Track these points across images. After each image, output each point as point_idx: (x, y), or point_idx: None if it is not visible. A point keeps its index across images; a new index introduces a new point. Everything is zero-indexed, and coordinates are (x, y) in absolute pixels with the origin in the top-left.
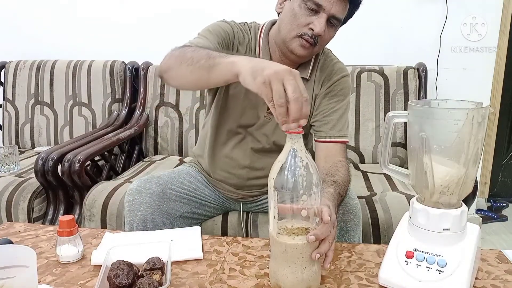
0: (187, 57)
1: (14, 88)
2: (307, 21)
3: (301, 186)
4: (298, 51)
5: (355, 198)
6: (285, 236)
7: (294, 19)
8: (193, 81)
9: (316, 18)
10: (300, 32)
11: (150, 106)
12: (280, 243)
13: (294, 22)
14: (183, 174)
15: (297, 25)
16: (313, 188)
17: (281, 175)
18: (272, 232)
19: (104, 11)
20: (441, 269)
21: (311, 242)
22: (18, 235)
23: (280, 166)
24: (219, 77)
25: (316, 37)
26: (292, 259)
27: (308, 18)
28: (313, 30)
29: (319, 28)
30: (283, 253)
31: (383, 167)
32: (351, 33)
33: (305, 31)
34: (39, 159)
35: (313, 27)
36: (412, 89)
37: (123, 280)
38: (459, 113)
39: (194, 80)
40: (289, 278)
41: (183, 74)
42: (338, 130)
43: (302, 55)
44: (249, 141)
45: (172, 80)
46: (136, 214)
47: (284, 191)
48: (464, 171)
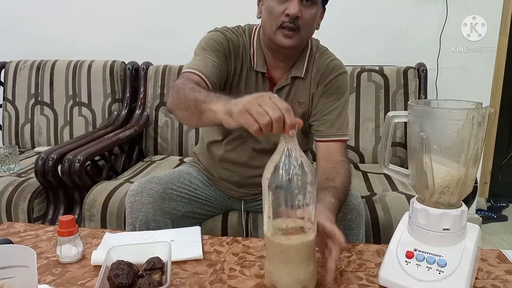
0: (181, 103)
1: (14, 88)
2: (281, 9)
3: (296, 185)
4: (284, 42)
5: (358, 197)
6: (280, 236)
7: (271, 13)
8: (193, 123)
9: (289, 3)
10: (279, 22)
11: (150, 106)
12: (275, 243)
13: (271, 16)
14: (183, 174)
15: (274, 17)
16: (308, 188)
17: (275, 175)
18: (267, 232)
19: (104, 11)
20: (441, 269)
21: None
22: (18, 235)
23: (274, 166)
24: (209, 122)
25: (296, 21)
26: (288, 259)
27: (282, 6)
28: (289, 15)
29: (293, 9)
30: (279, 253)
31: (383, 167)
32: (351, 33)
33: (283, 19)
34: (39, 159)
35: (288, 12)
36: (412, 89)
37: (123, 280)
38: (459, 113)
39: (194, 123)
40: (284, 279)
41: (183, 117)
42: (337, 129)
43: (290, 45)
44: (249, 141)
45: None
46: (138, 215)
47: (279, 190)
48: (464, 171)
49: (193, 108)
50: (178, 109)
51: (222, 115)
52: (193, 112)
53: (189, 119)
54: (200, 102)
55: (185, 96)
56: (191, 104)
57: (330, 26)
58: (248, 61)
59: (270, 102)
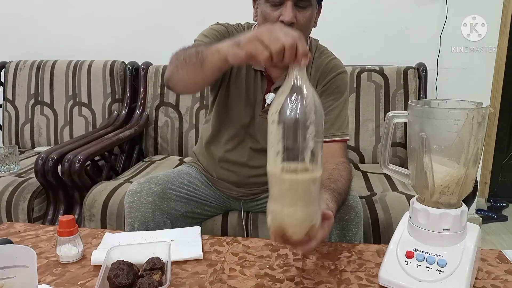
0: (181, 60)
1: (14, 88)
2: (276, 15)
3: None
4: None
5: (356, 197)
6: (288, 173)
7: (266, 19)
8: (192, 81)
9: (283, 9)
10: None
11: (150, 106)
12: (283, 180)
13: (266, 22)
14: (183, 174)
15: (269, 23)
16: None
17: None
18: (274, 169)
19: (104, 11)
20: (441, 269)
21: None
22: (18, 235)
23: (284, 99)
24: (211, 69)
25: (291, 26)
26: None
27: (276, 13)
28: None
29: (288, 17)
30: (285, 190)
31: (383, 167)
32: (351, 33)
33: None
34: (39, 159)
35: (282, 19)
36: (412, 89)
37: (123, 280)
38: (459, 113)
39: (192, 80)
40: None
41: (182, 77)
42: (337, 129)
43: None
44: (248, 141)
45: (176, 87)
46: (137, 215)
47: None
48: (464, 171)
49: (194, 59)
50: (178, 69)
51: (229, 48)
52: (194, 63)
53: (187, 76)
54: (201, 50)
55: (185, 53)
56: (192, 56)
57: (330, 26)
58: None
59: (282, 29)
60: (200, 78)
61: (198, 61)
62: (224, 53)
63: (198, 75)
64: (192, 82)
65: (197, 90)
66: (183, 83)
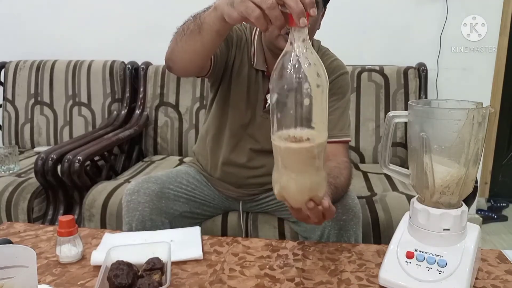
0: (180, 32)
1: (14, 88)
2: None
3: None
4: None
5: (354, 198)
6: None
7: None
8: (191, 52)
9: None
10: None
11: (150, 106)
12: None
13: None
14: (181, 173)
15: None
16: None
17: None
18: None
19: (104, 11)
20: (441, 269)
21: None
22: (18, 235)
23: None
24: (210, 32)
25: None
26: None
27: None
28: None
29: None
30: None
31: (384, 167)
32: (351, 33)
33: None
34: (39, 159)
35: None
36: (412, 89)
37: (123, 281)
38: (459, 113)
39: (192, 50)
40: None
41: (182, 49)
42: (339, 130)
43: None
44: (248, 141)
45: (176, 64)
46: (135, 214)
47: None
48: (464, 171)
49: (192, 26)
50: (177, 42)
51: (224, 6)
52: (192, 30)
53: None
54: (198, 15)
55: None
56: (190, 23)
57: (330, 26)
58: (249, 58)
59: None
60: (199, 46)
61: (196, 26)
62: (221, 11)
63: (197, 42)
64: (191, 53)
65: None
66: (183, 57)
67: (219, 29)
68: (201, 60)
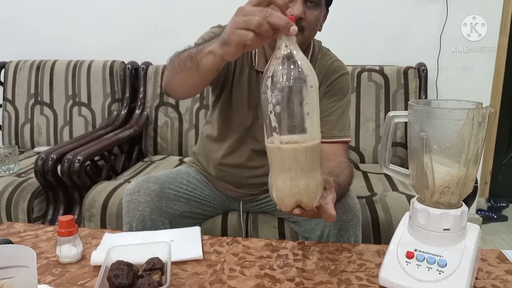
0: (176, 66)
1: (14, 88)
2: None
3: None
4: None
5: (354, 198)
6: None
7: None
8: (190, 85)
9: (293, 4)
10: None
11: (150, 106)
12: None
13: None
14: (181, 173)
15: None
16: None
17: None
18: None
19: (104, 11)
20: (441, 269)
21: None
22: (18, 235)
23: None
24: (208, 70)
25: (299, 22)
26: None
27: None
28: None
29: (297, 11)
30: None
31: (384, 167)
32: (351, 33)
33: None
34: (39, 159)
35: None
36: (412, 89)
37: (123, 281)
38: (459, 113)
39: (190, 84)
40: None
41: (180, 82)
42: (339, 130)
43: None
44: (249, 142)
45: (175, 92)
46: (135, 214)
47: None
48: (464, 171)
49: (188, 64)
50: (174, 75)
51: (219, 49)
52: (190, 68)
53: (187, 79)
54: (194, 54)
55: (178, 59)
56: (186, 61)
57: (330, 26)
58: (250, 60)
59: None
60: (198, 80)
61: (193, 65)
62: (219, 54)
63: (196, 77)
64: (190, 86)
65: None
66: (181, 88)
67: (219, 67)
68: (201, 88)
